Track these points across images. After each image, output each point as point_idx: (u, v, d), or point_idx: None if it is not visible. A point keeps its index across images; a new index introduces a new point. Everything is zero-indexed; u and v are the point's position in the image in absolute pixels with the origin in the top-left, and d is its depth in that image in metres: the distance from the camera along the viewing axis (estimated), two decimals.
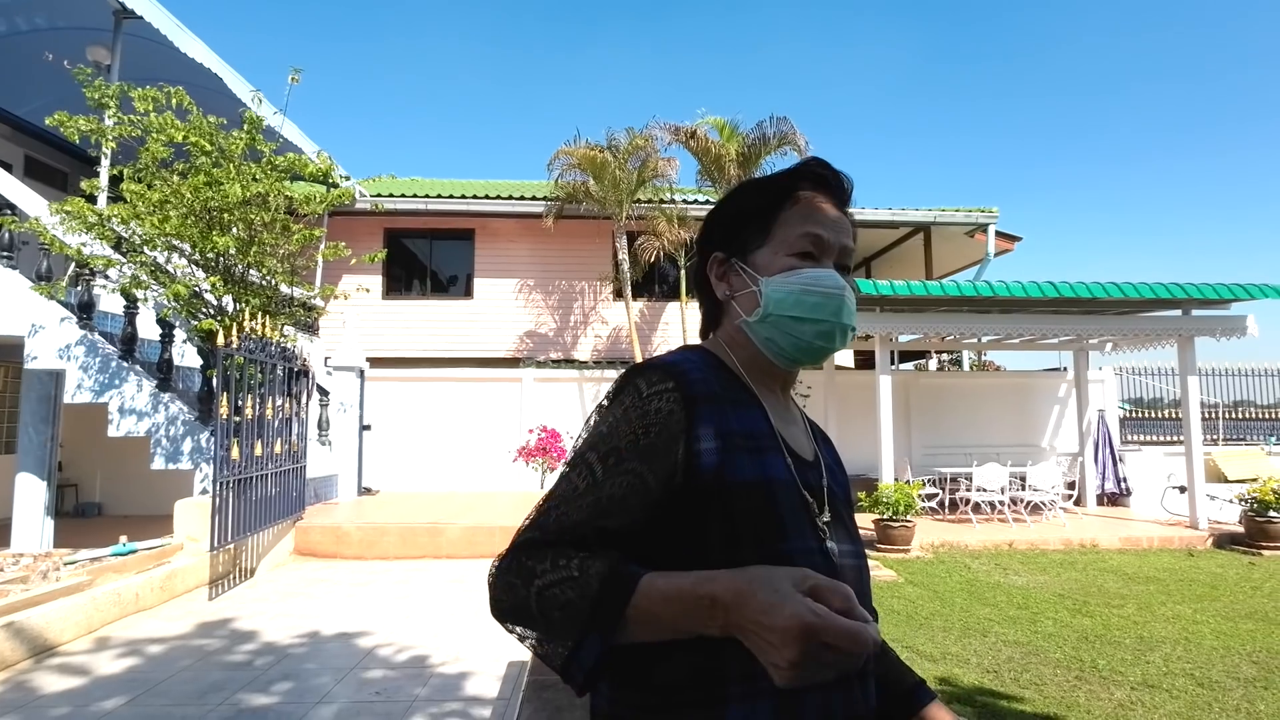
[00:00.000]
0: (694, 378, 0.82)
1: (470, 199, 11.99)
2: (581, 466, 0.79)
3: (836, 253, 0.89)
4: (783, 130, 10.29)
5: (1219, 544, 7.89)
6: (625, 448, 0.78)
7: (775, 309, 0.87)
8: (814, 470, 0.90)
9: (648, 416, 0.79)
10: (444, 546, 6.81)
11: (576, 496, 0.78)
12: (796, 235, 0.88)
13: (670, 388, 0.80)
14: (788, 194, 0.90)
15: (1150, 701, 3.59)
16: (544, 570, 0.72)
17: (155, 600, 5.06)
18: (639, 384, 0.82)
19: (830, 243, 0.88)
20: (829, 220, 0.89)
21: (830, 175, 0.91)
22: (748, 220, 0.91)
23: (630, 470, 0.77)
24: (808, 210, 0.89)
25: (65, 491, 9.17)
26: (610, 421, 0.81)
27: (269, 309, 6.82)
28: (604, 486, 0.77)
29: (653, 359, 0.86)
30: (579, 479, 0.79)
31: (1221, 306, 8.54)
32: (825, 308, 0.86)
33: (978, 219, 12.13)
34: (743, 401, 0.86)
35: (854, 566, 0.86)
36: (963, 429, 11.26)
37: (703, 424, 0.79)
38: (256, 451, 5.88)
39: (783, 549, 0.78)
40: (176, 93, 6.44)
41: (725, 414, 0.82)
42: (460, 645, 4.19)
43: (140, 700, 3.38)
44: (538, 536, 0.77)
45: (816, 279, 0.86)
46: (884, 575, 6.33)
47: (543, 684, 2.14)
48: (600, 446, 0.80)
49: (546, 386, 11.09)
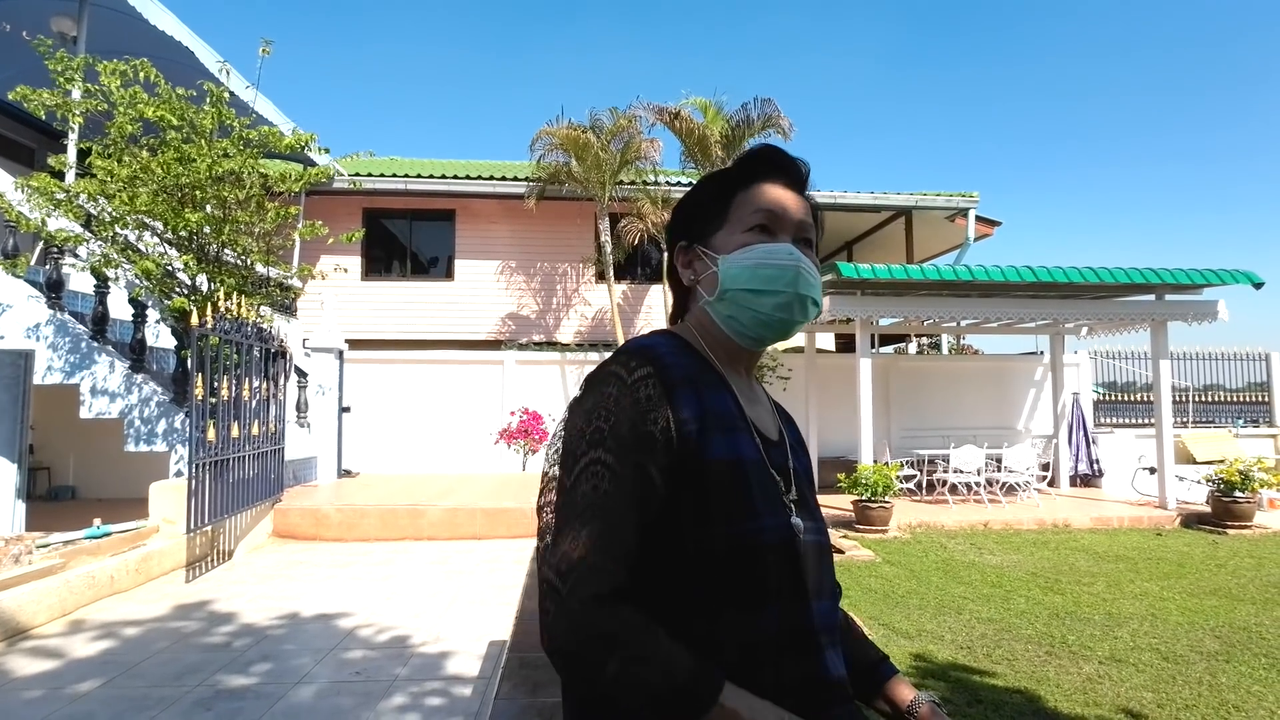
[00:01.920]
0: (669, 361, 0.83)
1: (451, 179, 11.83)
2: (599, 468, 0.77)
3: (794, 228, 0.91)
4: (767, 112, 10.26)
5: (1186, 524, 8.09)
6: (628, 439, 0.78)
7: (732, 284, 0.89)
8: (779, 450, 0.92)
9: (639, 404, 0.79)
10: (425, 528, 6.79)
11: (609, 501, 0.75)
12: (750, 212, 0.90)
13: (650, 373, 0.81)
14: (743, 178, 0.92)
15: (1117, 675, 3.69)
16: (627, 642, 0.71)
17: (131, 583, 5.00)
18: (620, 372, 0.82)
19: (785, 218, 0.90)
20: (783, 197, 0.91)
21: (785, 160, 0.94)
22: (707, 206, 0.94)
23: (639, 465, 0.77)
24: (761, 189, 0.91)
25: (38, 475, 9.01)
26: (605, 413, 0.80)
27: (244, 289, 6.71)
28: (625, 482, 0.76)
29: (628, 343, 0.86)
30: (604, 481, 0.76)
31: (1194, 291, 8.70)
32: (780, 279, 0.87)
33: (958, 203, 12.22)
34: (713, 383, 0.87)
35: (816, 543, 0.89)
36: (941, 412, 11.41)
37: (683, 406, 0.80)
38: (233, 433, 5.80)
39: (751, 527, 0.80)
40: (143, 65, 6.26)
41: (700, 395, 0.83)
42: (441, 626, 4.20)
43: (116, 682, 3.34)
44: (606, 583, 0.73)
45: (771, 252, 0.88)
46: (862, 555, 6.43)
47: (523, 661, 2.15)
48: (609, 443, 0.78)
49: (528, 369, 11.05)
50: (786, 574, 0.82)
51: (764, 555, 0.80)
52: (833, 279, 8.09)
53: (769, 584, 0.80)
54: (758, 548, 0.80)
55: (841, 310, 8.51)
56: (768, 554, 0.81)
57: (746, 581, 0.79)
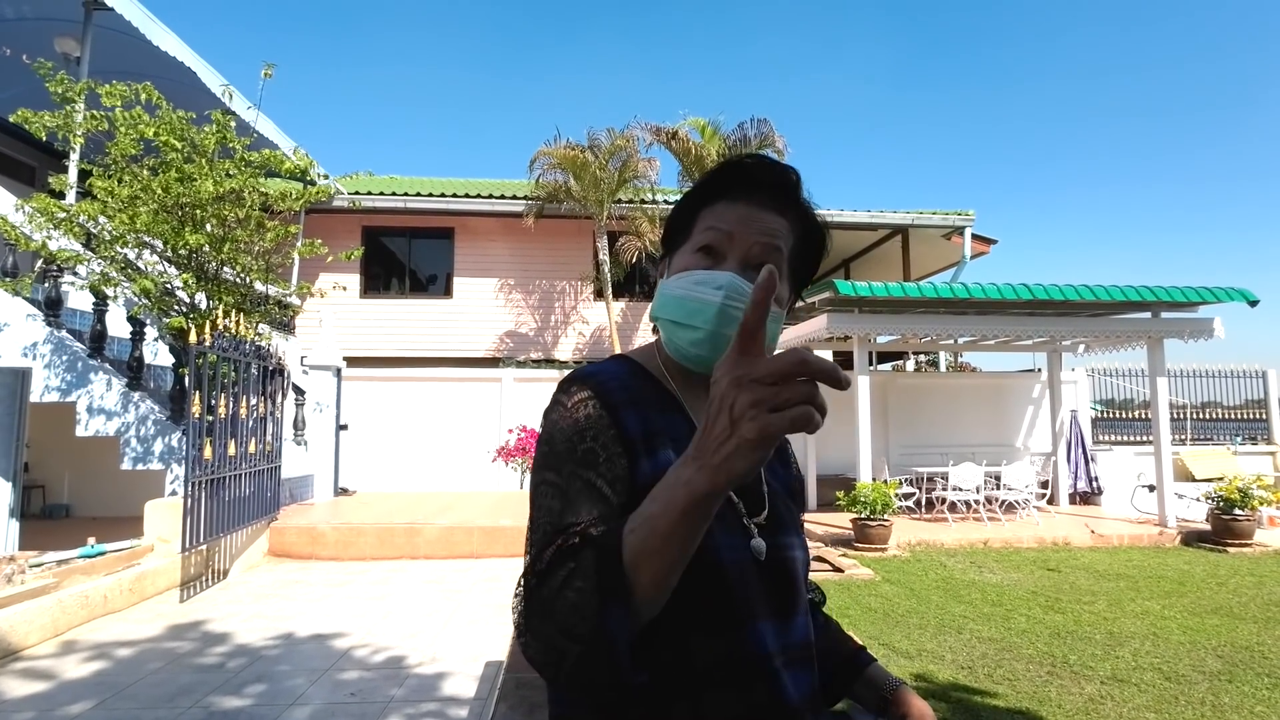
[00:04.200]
0: (611, 386, 0.82)
1: (450, 197, 11.91)
2: (546, 487, 0.77)
3: (746, 250, 0.81)
4: (763, 131, 10.38)
5: (1187, 541, 8.06)
6: (569, 458, 0.77)
7: (660, 311, 0.84)
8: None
9: (579, 424, 0.78)
10: (422, 547, 6.74)
11: (555, 514, 0.75)
12: (702, 229, 0.83)
13: (588, 395, 0.80)
14: (710, 192, 0.85)
15: (1119, 696, 3.66)
16: (549, 585, 0.67)
17: (125, 603, 4.95)
18: (561, 398, 0.82)
19: (735, 235, 0.81)
20: (739, 216, 0.82)
21: (757, 172, 0.84)
22: (679, 218, 0.89)
23: (585, 479, 0.76)
24: (719, 207, 0.83)
25: (32, 493, 8.95)
26: (548, 438, 0.80)
27: (243, 306, 6.72)
28: (569, 492, 0.75)
29: (575, 372, 0.85)
30: (550, 499, 0.76)
31: (1189, 309, 8.73)
32: (700, 314, 0.78)
33: (955, 221, 12.31)
34: (665, 404, 0.85)
35: (792, 559, 0.85)
36: (939, 429, 11.40)
37: (628, 424, 0.79)
38: (230, 451, 5.78)
39: (707, 544, 0.72)
40: (145, 89, 6.31)
41: (647, 415, 0.81)
42: (437, 646, 4.16)
43: (109, 704, 3.30)
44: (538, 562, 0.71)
45: (698, 282, 0.79)
46: (861, 574, 6.39)
47: (519, 681, 2.13)
48: (552, 463, 0.78)
49: (526, 386, 11.04)
50: (742, 599, 0.78)
51: (718, 578, 0.77)
52: (830, 296, 8.12)
53: (720, 609, 0.77)
54: (714, 566, 0.76)
55: (839, 328, 8.53)
56: (722, 577, 0.77)
57: (697, 606, 0.75)
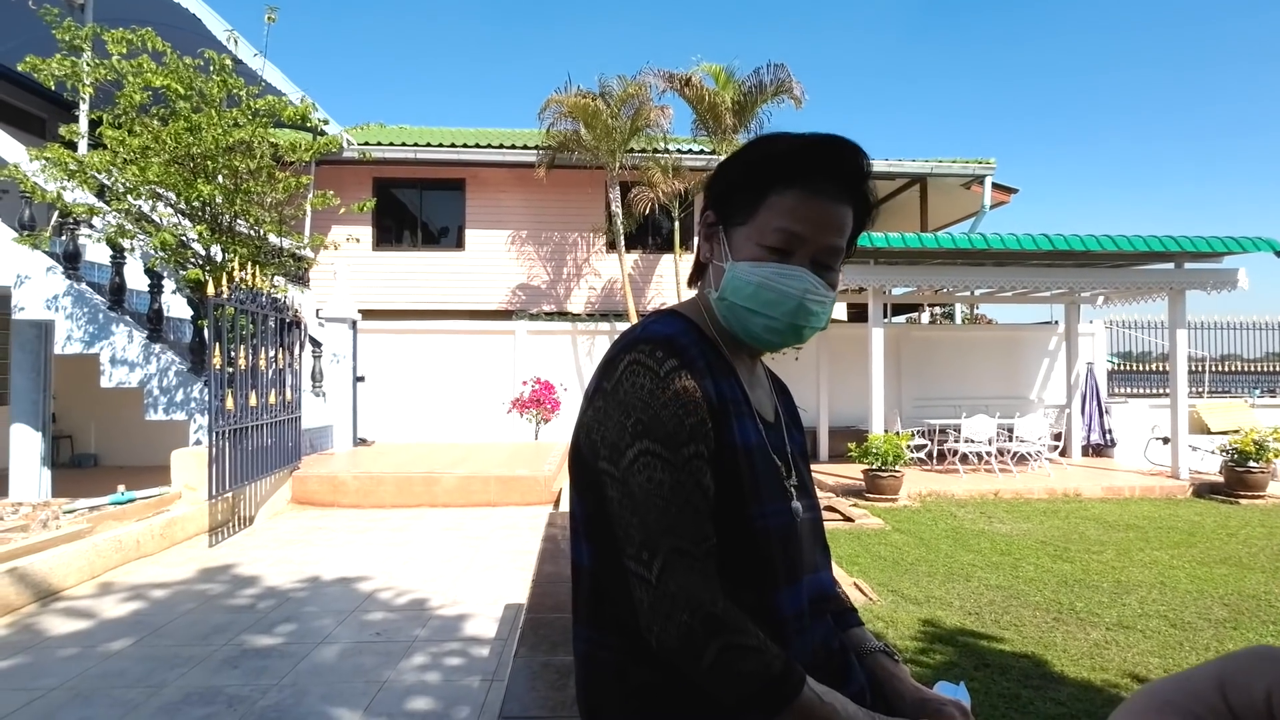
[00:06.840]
0: (693, 354, 0.83)
1: (460, 148, 11.74)
2: (650, 458, 0.77)
3: (816, 250, 0.85)
4: (779, 78, 10.07)
5: (1199, 493, 8.08)
6: (678, 433, 0.78)
7: (731, 295, 0.87)
8: (776, 432, 0.93)
9: (681, 396, 0.79)
10: (440, 495, 6.90)
11: (673, 491, 0.77)
12: (773, 228, 0.85)
13: (677, 365, 0.81)
14: (785, 174, 0.85)
15: (1124, 641, 3.73)
16: (722, 630, 0.73)
17: (156, 547, 5.13)
18: (649, 364, 0.81)
19: (808, 239, 0.84)
20: (813, 217, 0.84)
21: (837, 164, 0.85)
22: (741, 190, 0.88)
23: (694, 454, 0.78)
24: (794, 202, 0.84)
25: (60, 443, 9.20)
26: (643, 404, 0.79)
27: (258, 259, 6.74)
28: (683, 471, 0.77)
29: (649, 333, 0.85)
30: (660, 472, 0.77)
31: (1214, 259, 8.55)
32: (780, 306, 0.84)
33: (975, 170, 12.00)
34: (722, 370, 0.87)
35: (811, 520, 0.92)
36: (953, 381, 11.37)
37: (710, 393, 0.82)
38: (251, 402, 5.89)
39: (755, 512, 0.82)
40: (148, 35, 6.21)
41: (717, 384, 0.84)
42: (458, 589, 4.29)
43: (146, 641, 3.46)
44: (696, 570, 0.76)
45: (778, 275, 0.84)
46: (872, 523, 6.48)
47: (539, 623, 2.20)
48: (656, 434, 0.78)
49: (539, 339, 11.08)
50: (784, 557, 0.84)
51: (768, 540, 0.83)
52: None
53: (772, 568, 0.83)
54: (766, 531, 0.82)
55: (854, 279, 8.45)
56: (771, 539, 0.83)
57: (754, 566, 0.82)
